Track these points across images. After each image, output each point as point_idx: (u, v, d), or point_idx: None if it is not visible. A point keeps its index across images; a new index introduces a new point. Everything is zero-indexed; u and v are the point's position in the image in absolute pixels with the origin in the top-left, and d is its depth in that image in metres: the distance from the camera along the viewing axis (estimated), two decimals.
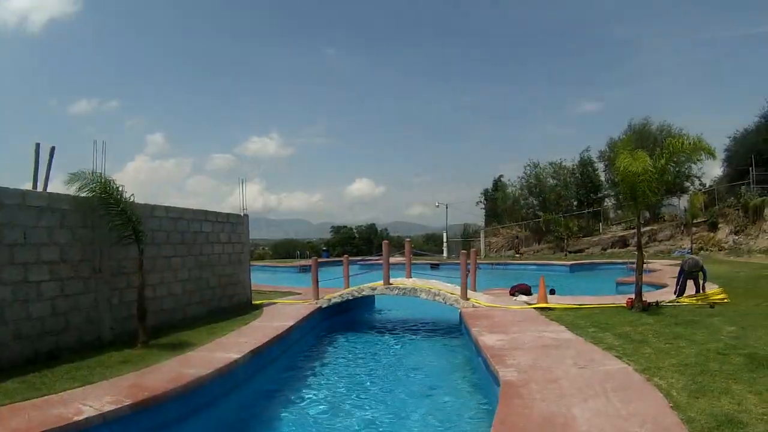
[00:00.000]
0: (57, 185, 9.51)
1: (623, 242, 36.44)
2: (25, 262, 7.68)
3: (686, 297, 12.60)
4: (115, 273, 9.40)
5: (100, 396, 6.06)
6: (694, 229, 32.86)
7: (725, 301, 11.91)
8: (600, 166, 43.75)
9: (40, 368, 7.26)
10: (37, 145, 10.91)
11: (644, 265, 12.61)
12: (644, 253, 12.53)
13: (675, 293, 13.12)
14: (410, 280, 15.36)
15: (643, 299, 11.64)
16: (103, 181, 8.94)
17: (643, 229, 13.40)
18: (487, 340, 9.29)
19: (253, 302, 14.70)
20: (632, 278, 13.54)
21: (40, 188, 10.03)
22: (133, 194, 9.38)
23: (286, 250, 53.26)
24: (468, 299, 13.68)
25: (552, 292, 16.46)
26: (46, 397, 6.02)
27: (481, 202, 50.92)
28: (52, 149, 11.04)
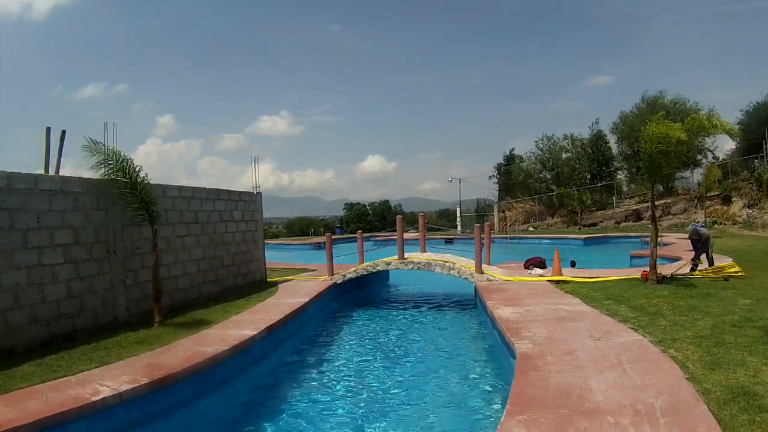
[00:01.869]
0: (68, 171, 9.53)
1: (637, 215, 36.24)
2: (38, 245, 7.73)
3: (700, 270, 12.50)
4: (129, 254, 9.46)
5: (117, 376, 6.13)
6: (707, 202, 32.56)
7: (740, 274, 11.79)
8: (612, 138, 43.29)
9: (57, 350, 7.35)
10: (48, 129, 10.94)
11: (658, 239, 12.49)
12: (658, 226, 12.42)
13: (691, 262, 13.02)
14: (425, 254, 15.32)
15: (658, 272, 11.56)
16: (121, 158, 8.95)
17: (657, 203, 13.24)
18: (503, 312, 9.30)
19: (268, 280, 14.79)
20: (646, 251, 13.45)
21: (51, 172, 10.07)
22: (147, 173, 9.40)
23: (299, 228, 53.39)
24: (483, 272, 13.65)
25: (573, 264, 16.49)
26: (63, 378, 6.08)
27: (494, 176, 50.61)
28: (63, 133, 11.07)
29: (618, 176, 43.94)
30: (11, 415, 4.83)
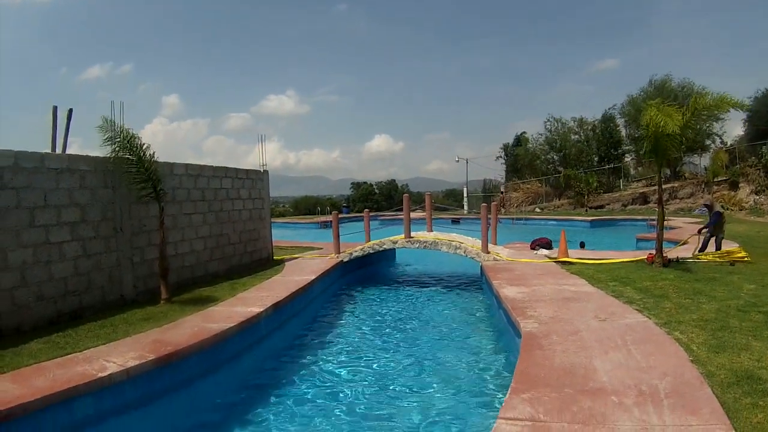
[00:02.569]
0: (75, 150, 9.53)
1: (643, 199, 36.12)
2: (45, 224, 7.75)
3: (707, 254, 12.46)
4: (136, 232, 9.49)
5: (124, 352, 6.18)
6: (715, 187, 32.37)
7: (745, 259, 11.75)
8: (620, 122, 42.96)
9: (64, 328, 7.38)
10: (55, 108, 10.93)
11: (665, 222, 12.46)
12: (665, 210, 12.38)
13: (699, 236, 13.00)
14: (431, 233, 15.33)
15: (664, 255, 11.53)
16: (129, 136, 8.94)
17: (663, 187, 13.24)
18: (508, 292, 9.34)
19: (275, 257, 14.84)
20: (653, 234, 13.47)
21: (58, 151, 10.08)
22: (154, 152, 9.38)
23: (306, 207, 53.39)
24: (489, 252, 13.66)
25: (582, 245, 16.51)
26: (70, 355, 6.12)
27: (501, 157, 50.37)
28: (70, 111, 11.07)
29: (625, 159, 43.70)
30: (19, 392, 4.87)
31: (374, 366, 8.03)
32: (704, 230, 13.00)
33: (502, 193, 42.92)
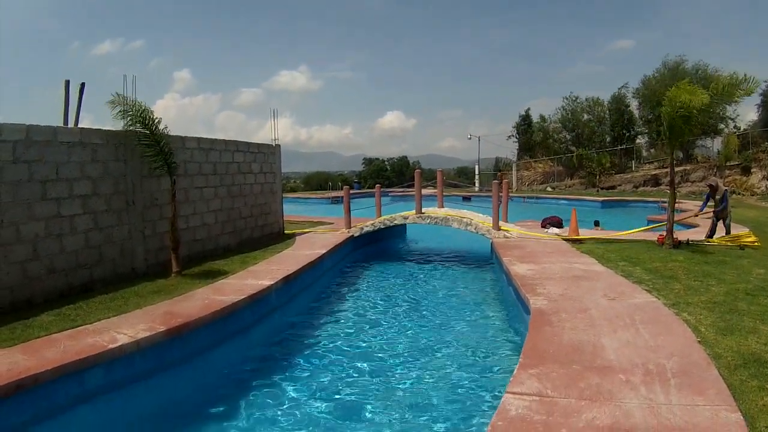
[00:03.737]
0: (87, 125, 9.54)
1: (655, 181, 35.89)
2: (57, 197, 7.78)
3: (716, 238, 12.37)
4: (147, 205, 9.53)
5: (134, 324, 6.25)
6: (726, 171, 32.03)
7: (756, 244, 11.64)
8: (634, 103, 42.46)
9: (75, 300, 7.43)
10: (67, 82, 10.95)
11: (676, 204, 12.35)
12: (676, 192, 12.27)
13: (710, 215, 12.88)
14: (442, 209, 15.32)
15: (674, 237, 11.48)
16: (141, 109, 8.93)
17: (676, 169, 13.11)
18: (518, 269, 9.33)
19: (285, 232, 14.89)
20: (663, 216, 13.40)
21: (71, 125, 10.11)
22: (167, 126, 9.39)
23: (317, 183, 53.33)
24: (500, 229, 13.62)
25: (596, 224, 16.47)
26: (81, 327, 6.17)
27: (513, 135, 49.96)
28: (82, 86, 11.09)
29: (638, 141, 43.27)
30: (30, 363, 4.93)
31: (382, 339, 8.11)
32: (717, 211, 12.82)
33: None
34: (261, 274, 9.23)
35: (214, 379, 6.61)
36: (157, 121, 9.14)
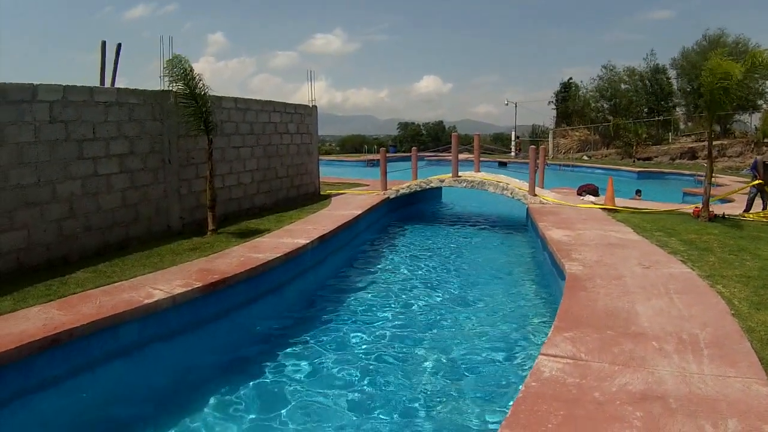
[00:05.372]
0: (123, 84, 9.50)
1: (692, 154, 34.87)
2: (94, 156, 7.77)
3: (753, 213, 11.90)
4: (183, 164, 9.51)
5: (170, 280, 6.25)
6: (764, 148, 30.85)
7: None
8: (672, 73, 40.98)
9: (111, 258, 7.44)
10: (103, 43, 10.94)
11: (713, 178, 11.92)
12: (713, 167, 11.86)
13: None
14: (479, 173, 15.09)
15: (710, 210, 11.11)
16: (186, 67, 8.83)
17: (713, 143, 12.69)
18: (554, 234, 9.22)
19: (321, 193, 14.82)
20: (699, 189, 13.40)
21: (107, 85, 10.09)
22: (205, 84, 9.24)
23: (352, 146, 53.09)
24: (536, 195, 13.39)
25: (638, 192, 16.05)
26: (116, 283, 6.17)
27: (552, 102, 48.91)
28: (119, 47, 11.07)
29: (675, 113, 41.92)
30: (65, 318, 4.95)
31: (416, 298, 8.05)
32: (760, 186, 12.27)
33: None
34: (296, 233, 9.18)
35: (246, 335, 6.62)
36: (197, 79, 9.02)
